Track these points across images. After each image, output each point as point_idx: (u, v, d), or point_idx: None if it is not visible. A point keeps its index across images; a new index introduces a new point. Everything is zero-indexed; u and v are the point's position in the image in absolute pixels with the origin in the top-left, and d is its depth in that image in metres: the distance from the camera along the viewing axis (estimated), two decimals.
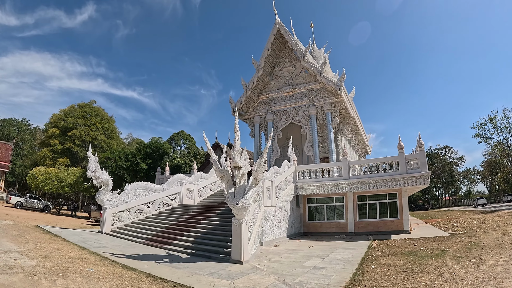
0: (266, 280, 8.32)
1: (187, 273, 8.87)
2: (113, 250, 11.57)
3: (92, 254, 10.63)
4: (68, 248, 10.95)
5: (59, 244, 11.53)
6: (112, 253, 10.98)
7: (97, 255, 10.47)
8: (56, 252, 9.97)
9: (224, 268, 9.56)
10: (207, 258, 11.02)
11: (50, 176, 28.35)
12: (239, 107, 29.32)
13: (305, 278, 8.40)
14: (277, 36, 28.40)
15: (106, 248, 11.96)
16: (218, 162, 11.54)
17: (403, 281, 7.91)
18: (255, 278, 8.47)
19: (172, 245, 12.85)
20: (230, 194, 10.71)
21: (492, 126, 39.29)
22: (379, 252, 12.47)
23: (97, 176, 15.94)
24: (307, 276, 8.67)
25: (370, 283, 7.87)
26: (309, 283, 7.95)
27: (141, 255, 11.07)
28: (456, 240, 14.81)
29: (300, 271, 9.27)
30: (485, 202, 49.16)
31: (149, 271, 8.79)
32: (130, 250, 11.92)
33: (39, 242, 11.45)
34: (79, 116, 41.46)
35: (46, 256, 9.18)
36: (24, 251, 9.40)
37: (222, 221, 14.83)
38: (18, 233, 12.89)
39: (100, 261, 9.64)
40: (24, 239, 11.51)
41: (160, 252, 11.92)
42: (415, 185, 18.11)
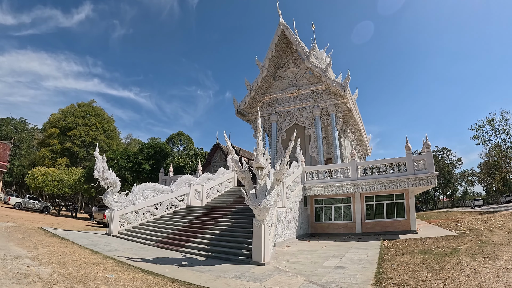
0: (295, 281, 8.00)
1: (212, 276, 8.37)
2: (127, 254, 10.81)
3: (107, 258, 9.86)
4: (79, 252, 10.15)
5: (69, 248, 10.71)
6: (127, 257, 10.26)
7: (112, 260, 9.71)
8: (68, 257, 9.18)
9: (247, 270, 9.13)
10: (226, 260, 10.51)
11: (50, 177, 27.22)
12: (242, 107, 28.71)
13: (331, 278, 8.20)
14: (281, 37, 27.89)
15: (119, 251, 11.20)
16: (239, 163, 10.91)
17: (426, 277, 7.88)
18: (283, 279, 8.14)
19: (186, 248, 12.19)
20: (251, 195, 10.22)
21: (490, 128, 39.37)
22: (393, 251, 12.26)
23: (105, 176, 15.12)
24: (332, 275, 8.46)
25: (395, 280, 7.82)
26: (337, 282, 7.77)
27: (158, 259, 10.41)
28: (465, 239, 14.73)
29: (323, 271, 9.02)
30: (482, 203, 49.23)
31: (172, 276, 8.20)
32: (144, 254, 11.19)
33: (48, 246, 10.62)
34: (78, 115, 40.25)
35: (60, 262, 8.40)
36: (35, 257, 8.59)
37: (235, 222, 14.19)
38: (24, 236, 12.01)
39: (118, 266, 8.90)
40: (31, 243, 10.66)
41: (175, 255, 11.23)
42: (423, 185, 17.98)
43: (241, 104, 28.73)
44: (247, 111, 29.34)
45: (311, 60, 25.78)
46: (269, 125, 28.67)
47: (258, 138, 10.82)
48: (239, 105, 28.81)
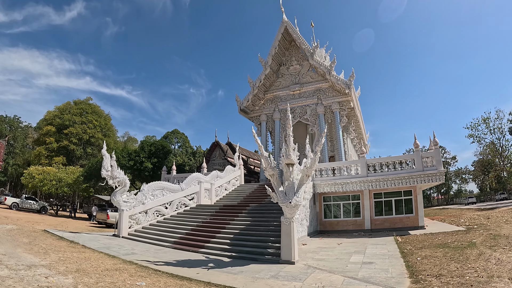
0: (335, 278, 7.63)
1: (249, 278, 7.72)
2: (146, 257, 9.79)
3: (127, 263, 8.81)
4: (95, 257, 9.05)
5: (83, 253, 9.58)
6: (148, 261, 9.26)
7: (133, 264, 8.69)
8: (86, 264, 8.08)
9: (281, 270, 8.54)
10: (252, 260, 9.78)
11: (48, 176, 25.55)
12: (245, 105, 27.73)
13: (366, 273, 7.93)
14: (284, 35, 27.04)
15: (136, 254, 10.14)
16: (269, 159, 10.02)
17: (456, 268, 7.86)
18: (322, 277, 7.70)
19: (205, 248, 11.29)
20: (280, 192, 9.54)
21: (486, 127, 39.47)
22: (410, 246, 11.97)
23: (114, 175, 13.96)
24: (365, 271, 8.17)
25: (428, 272, 7.71)
26: (374, 277, 7.55)
27: (181, 261, 9.47)
28: (476, 233, 14.58)
29: (354, 267, 8.68)
30: (475, 200, 49.57)
31: (207, 279, 7.39)
32: (164, 256, 10.21)
33: (59, 251, 9.47)
34: (75, 113, 38.20)
35: (79, 270, 7.31)
36: (50, 265, 7.48)
37: (253, 221, 13.34)
38: (30, 240, 10.78)
39: (143, 272, 7.90)
40: (41, 248, 9.48)
41: (197, 257, 10.31)
42: (431, 182, 17.68)
43: (244, 101, 27.74)
44: (249, 109, 28.37)
45: (315, 58, 25.01)
46: (272, 122, 27.82)
47: (289, 134, 9.99)
48: (242, 103, 27.80)
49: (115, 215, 20.86)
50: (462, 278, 6.98)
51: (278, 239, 10.84)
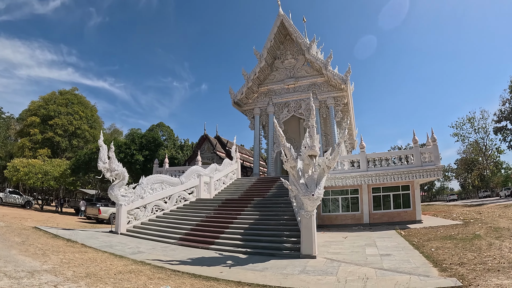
0: (365, 270, 7.34)
1: (278, 274, 7.14)
2: (156, 256, 8.83)
3: (138, 263, 7.81)
4: (102, 258, 7.96)
5: (85, 253, 8.45)
6: (160, 260, 8.33)
7: (146, 265, 7.73)
8: (94, 266, 7.02)
9: (305, 264, 8.07)
10: (270, 256, 9.16)
11: (33, 169, 23.45)
12: (239, 97, 26.69)
13: (391, 265, 7.76)
14: (280, 28, 26.13)
15: (144, 253, 9.11)
16: (291, 151, 9.24)
17: (474, 257, 7.88)
18: (352, 270, 7.40)
19: (216, 245, 10.44)
20: (302, 184, 8.94)
21: (470, 126, 40.31)
22: (416, 239, 11.85)
23: (113, 168, 12.71)
24: (388, 262, 7.99)
25: (449, 261, 7.74)
26: (401, 267, 7.43)
27: (196, 259, 8.59)
28: (475, 226, 14.57)
29: (375, 259, 8.47)
30: (456, 198, 50.79)
31: (235, 278, 6.72)
32: (175, 254, 9.28)
33: (59, 252, 8.30)
34: (60, 103, 35.52)
35: (90, 275, 6.28)
36: (54, 269, 6.38)
37: (262, 215, 12.65)
38: (22, 239, 9.48)
39: (161, 273, 7.02)
40: (37, 249, 8.27)
41: (211, 254, 9.45)
42: (429, 177, 17.62)
43: (238, 94, 26.68)
44: (243, 102, 27.34)
45: (311, 52, 24.34)
46: (266, 116, 26.95)
47: (312, 124, 9.28)
48: (235, 95, 26.74)
49: (106, 210, 19.49)
50: (485, 265, 7.01)
51: (293, 233, 10.45)
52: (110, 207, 20.02)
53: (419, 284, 5.96)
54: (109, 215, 19.31)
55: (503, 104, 34.10)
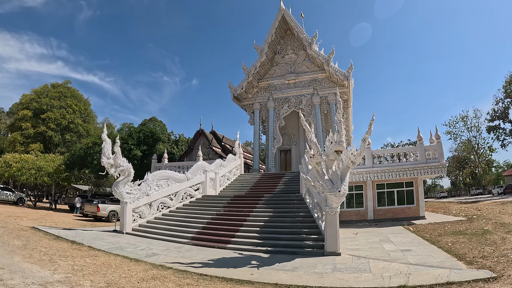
0: (396, 265, 7.10)
1: (311, 274, 6.66)
2: (173, 258, 8.00)
3: (158, 267, 6.99)
4: (116, 263, 7.06)
5: (96, 257, 7.51)
6: (180, 263, 7.50)
7: (167, 269, 6.93)
8: (111, 273, 6.15)
9: (335, 262, 7.65)
10: (293, 254, 8.64)
11: (26, 164, 21.86)
12: (239, 92, 25.73)
13: (417, 260, 7.60)
14: (281, 23, 25.24)
15: (159, 255, 8.26)
16: (318, 145, 8.59)
17: (493, 250, 7.88)
18: (383, 266, 7.11)
19: (233, 244, 9.69)
20: (327, 181, 8.47)
21: (463, 124, 40.47)
22: (427, 234, 11.73)
23: (118, 163, 11.68)
24: (413, 258, 7.84)
25: (471, 254, 7.74)
26: (427, 262, 7.29)
27: (218, 261, 7.86)
28: (480, 222, 14.35)
29: (397, 255, 8.26)
30: (446, 195, 51.14)
31: (270, 280, 6.13)
32: (193, 255, 8.46)
33: (66, 256, 7.35)
34: (53, 96, 33.50)
35: (110, 284, 5.47)
36: (69, 279, 5.49)
37: (275, 212, 11.98)
38: (23, 242, 8.43)
39: (187, 278, 6.31)
40: (42, 254, 7.28)
41: (230, 254, 8.72)
42: (434, 174, 17.51)
43: (238, 88, 25.71)
44: (242, 96, 26.41)
45: (313, 48, 23.59)
46: (266, 111, 26.08)
47: (339, 119, 8.66)
48: (235, 90, 25.76)
49: (105, 207, 18.37)
50: (507, 257, 6.96)
51: (312, 230, 10.04)
52: (109, 204, 18.88)
53: (457, 277, 5.81)
54: (108, 213, 18.20)
55: (496, 104, 34.33)
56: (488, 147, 40.92)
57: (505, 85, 32.70)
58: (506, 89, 32.54)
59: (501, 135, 35.00)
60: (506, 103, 33.14)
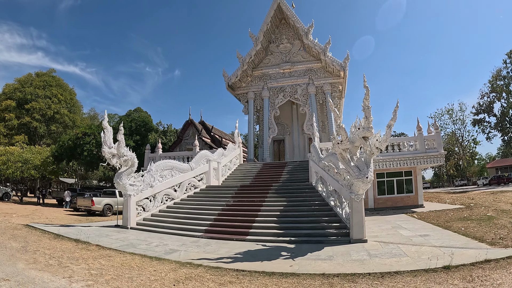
0: (427, 249, 6.96)
1: (350, 261, 6.27)
2: (196, 254, 7.10)
3: (186, 266, 6.15)
4: (136, 263, 6.09)
5: (110, 258, 6.47)
6: (206, 258, 6.64)
7: (198, 266, 6.12)
8: (137, 276, 5.22)
9: (366, 249, 7.32)
10: (319, 243, 8.17)
11: (12, 157, 19.73)
12: (233, 81, 24.54)
13: (441, 243, 7.52)
14: (276, 12, 24.11)
15: (179, 251, 7.37)
16: (345, 131, 8.02)
17: (507, 233, 8.02)
18: (415, 250, 6.96)
19: (252, 235, 8.95)
20: (353, 167, 8.16)
21: (449, 117, 41.01)
22: (434, 221, 11.62)
23: (121, 153, 10.46)
24: (436, 241, 7.72)
25: (489, 236, 7.81)
26: (452, 245, 7.19)
27: (246, 254, 7.19)
28: (480, 209, 14.38)
29: (420, 240, 8.11)
30: (428, 186, 51.54)
31: (316, 271, 5.62)
32: (215, 249, 7.61)
33: (76, 258, 6.27)
34: (38, 86, 30.71)
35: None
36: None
37: (289, 201, 11.26)
38: (21, 244, 7.23)
39: (225, 275, 5.49)
40: (48, 258, 6.17)
41: (254, 246, 7.97)
42: (433, 163, 17.42)
43: (232, 77, 24.51)
44: (236, 85, 25.25)
45: (309, 37, 22.71)
46: (261, 100, 25.07)
47: (368, 106, 7.98)
48: (229, 78, 24.55)
49: (100, 200, 16.97)
50: None
51: (331, 218, 9.61)
52: (103, 198, 17.46)
53: (492, 255, 5.85)
54: (103, 206, 16.80)
55: (482, 98, 34.90)
56: (473, 139, 41.81)
57: (491, 80, 33.28)
58: (492, 84, 33.12)
59: (487, 128, 35.81)
60: (492, 97, 33.78)
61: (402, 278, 4.93)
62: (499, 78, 32.56)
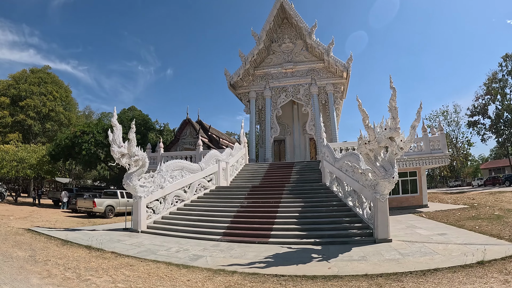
0: (454, 246, 6.93)
1: (385, 261, 6.07)
2: (223, 259, 6.41)
3: (220, 273, 5.52)
4: (164, 273, 5.36)
5: (132, 267, 5.72)
6: (238, 264, 5.98)
7: (234, 274, 5.45)
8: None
9: (394, 248, 7.18)
10: (344, 243, 7.87)
11: (7, 156, 18.37)
12: (235, 80, 23.83)
13: (462, 240, 7.52)
14: (279, 11, 23.53)
15: (204, 257, 6.66)
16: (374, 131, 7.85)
17: None
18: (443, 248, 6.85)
19: (274, 237, 8.40)
20: (379, 167, 7.92)
21: (443, 119, 40.98)
22: (444, 220, 11.60)
23: (133, 152, 9.61)
24: (456, 239, 7.67)
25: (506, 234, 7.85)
26: (474, 242, 7.18)
27: (276, 257, 6.66)
28: (485, 209, 14.16)
29: (440, 238, 8.02)
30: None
31: (358, 272, 5.37)
32: (241, 254, 6.95)
33: (95, 269, 5.49)
34: (33, 82, 29.11)
35: None
36: None
37: (306, 202, 10.70)
38: (28, 253, 6.39)
39: (267, 282, 4.95)
40: (63, 269, 5.39)
41: (280, 249, 7.42)
42: (438, 164, 17.28)
43: (234, 76, 23.77)
44: (238, 84, 24.53)
45: (313, 37, 22.22)
46: (263, 100, 24.41)
47: (395, 107, 7.67)
48: (231, 77, 23.82)
49: (102, 202, 15.96)
50: None
51: (353, 218, 9.27)
52: (104, 199, 16.44)
53: None
54: (105, 208, 15.79)
55: (476, 100, 34.98)
56: (467, 141, 41.99)
57: (487, 83, 33.45)
58: (487, 86, 33.28)
59: (481, 130, 36.01)
60: (486, 100, 33.95)
61: (443, 275, 4.92)
62: (494, 81, 32.80)
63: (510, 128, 32.93)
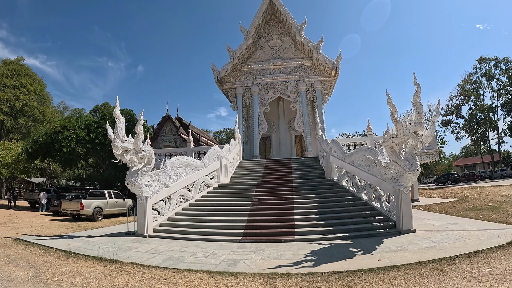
0: (476, 232, 7.07)
1: (425, 249, 5.99)
2: (262, 262, 5.54)
3: (273, 278, 4.64)
4: (214, 285, 4.32)
5: (168, 280, 4.66)
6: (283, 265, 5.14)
7: (290, 277, 4.56)
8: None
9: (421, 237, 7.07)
10: (372, 236, 7.58)
11: None
12: (223, 75, 22.67)
13: (479, 227, 7.71)
14: (268, 7, 22.66)
15: (241, 261, 5.70)
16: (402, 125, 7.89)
17: None
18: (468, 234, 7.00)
19: (299, 235, 7.79)
20: (404, 161, 7.83)
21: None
22: (444, 212, 11.58)
23: (139, 147, 8.32)
24: (471, 227, 7.83)
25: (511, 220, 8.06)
26: (489, 229, 7.36)
27: (316, 255, 6.12)
28: (476, 201, 14.55)
29: (454, 227, 8.09)
30: None
31: (409, 260, 5.32)
32: (276, 255, 6.09)
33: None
34: (5, 74, 25.43)
35: None
36: None
37: (320, 197, 10.17)
38: (30, 273, 5.12)
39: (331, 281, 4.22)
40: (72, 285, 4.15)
41: (312, 246, 6.86)
42: (429, 160, 18.01)
43: (222, 71, 22.60)
44: (225, 80, 23.36)
45: (302, 34, 21.69)
46: (250, 96, 23.47)
47: (419, 102, 7.61)
48: (219, 72, 22.62)
49: (89, 203, 14.18)
50: None
51: (372, 212, 9.01)
52: (92, 200, 14.63)
53: None
54: (93, 210, 14.01)
55: (450, 100, 36.44)
56: (440, 139, 43.87)
57: (462, 84, 34.95)
58: (462, 87, 34.76)
59: (455, 129, 37.65)
60: (460, 100, 35.54)
61: (486, 255, 5.14)
62: (469, 82, 34.40)
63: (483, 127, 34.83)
